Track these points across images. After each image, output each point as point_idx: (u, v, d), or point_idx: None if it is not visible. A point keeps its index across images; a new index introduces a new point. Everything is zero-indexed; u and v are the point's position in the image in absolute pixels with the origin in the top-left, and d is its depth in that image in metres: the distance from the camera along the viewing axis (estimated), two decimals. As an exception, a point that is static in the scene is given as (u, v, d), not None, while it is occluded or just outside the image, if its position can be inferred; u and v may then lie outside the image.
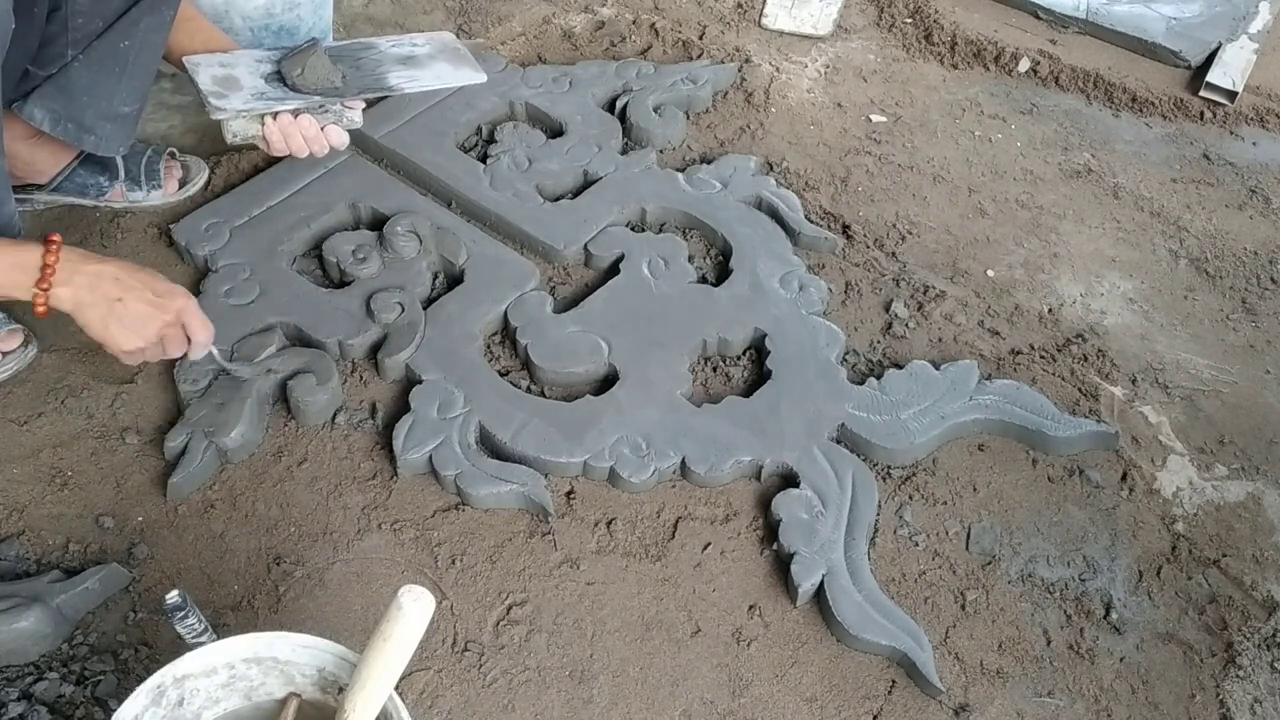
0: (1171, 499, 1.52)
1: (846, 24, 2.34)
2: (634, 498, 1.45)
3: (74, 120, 1.47)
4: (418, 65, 1.60)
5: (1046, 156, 2.08)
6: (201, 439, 1.40)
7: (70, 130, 1.47)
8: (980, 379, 1.58)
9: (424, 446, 1.42)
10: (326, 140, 1.55)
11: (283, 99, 1.47)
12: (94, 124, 1.48)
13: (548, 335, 1.58)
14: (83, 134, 1.48)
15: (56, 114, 1.46)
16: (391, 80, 1.56)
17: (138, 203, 1.72)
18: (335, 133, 1.55)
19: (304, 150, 1.53)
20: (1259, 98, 2.21)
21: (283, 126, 1.49)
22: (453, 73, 1.61)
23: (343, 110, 1.54)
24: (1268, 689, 1.32)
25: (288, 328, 1.56)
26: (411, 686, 1.24)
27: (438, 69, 1.61)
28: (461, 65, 1.62)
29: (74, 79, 1.43)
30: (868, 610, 1.31)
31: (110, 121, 1.49)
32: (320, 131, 1.53)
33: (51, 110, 1.45)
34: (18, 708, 1.14)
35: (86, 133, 1.48)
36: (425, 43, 1.65)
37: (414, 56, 1.61)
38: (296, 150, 1.52)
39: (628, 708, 1.25)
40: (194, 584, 1.31)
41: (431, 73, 1.60)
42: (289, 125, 1.49)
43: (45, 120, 1.45)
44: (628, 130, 1.96)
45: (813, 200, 1.90)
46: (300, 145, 1.52)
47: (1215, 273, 1.87)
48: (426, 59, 1.61)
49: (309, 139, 1.52)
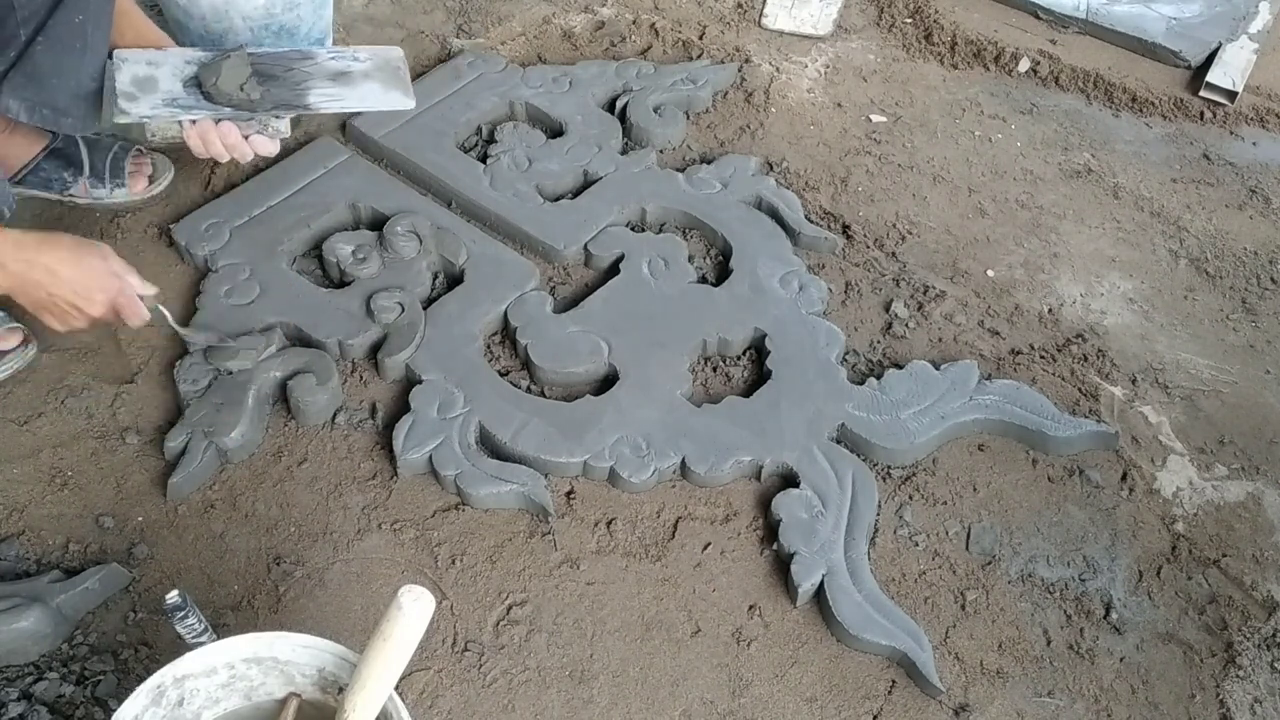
0: (1171, 499, 1.52)
1: (846, 24, 2.34)
2: (634, 498, 1.45)
3: (48, 105, 1.45)
4: (347, 83, 1.55)
5: (1046, 156, 2.08)
6: (201, 439, 1.40)
7: (46, 115, 1.46)
8: (980, 379, 1.58)
9: (424, 446, 1.42)
10: (251, 149, 1.51)
11: (190, 108, 1.44)
12: (68, 105, 1.47)
13: (548, 335, 1.58)
14: (59, 117, 1.47)
15: (30, 102, 1.44)
16: (311, 99, 1.52)
17: (101, 200, 1.71)
18: (261, 142, 1.51)
19: (224, 156, 1.50)
20: (1259, 98, 2.21)
21: (201, 132, 1.47)
22: (380, 95, 1.56)
23: (267, 119, 1.50)
24: (1268, 689, 1.32)
25: (288, 328, 1.56)
26: (411, 686, 1.24)
27: (365, 90, 1.56)
28: (392, 89, 1.57)
29: (39, 64, 1.42)
30: (868, 610, 1.31)
31: (82, 100, 1.48)
32: (242, 139, 1.49)
33: (25, 99, 1.44)
34: (18, 708, 1.14)
35: (62, 115, 1.47)
36: (367, 58, 1.60)
37: (348, 73, 1.56)
38: (217, 155, 1.50)
39: (628, 708, 1.25)
40: (194, 584, 1.31)
41: (357, 93, 1.55)
42: (208, 131, 1.47)
43: (21, 110, 1.44)
44: (628, 130, 1.96)
45: (813, 200, 1.90)
46: (220, 150, 1.49)
47: (1215, 273, 1.87)
48: (360, 77, 1.56)
49: (229, 146, 1.49)
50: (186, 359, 1.49)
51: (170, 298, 1.61)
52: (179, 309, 1.60)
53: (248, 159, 1.52)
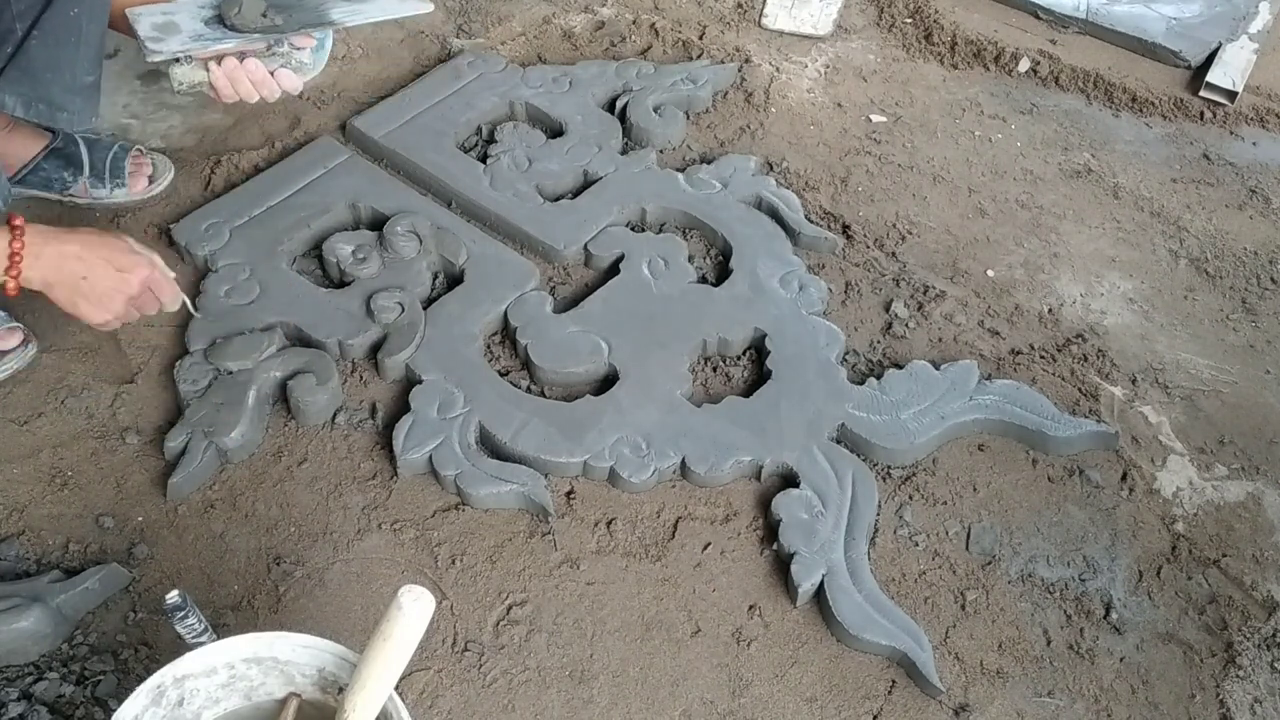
0: (1171, 499, 1.52)
1: (846, 24, 2.34)
2: (634, 498, 1.45)
3: (44, 100, 1.45)
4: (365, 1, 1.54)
5: (1046, 156, 2.08)
6: (201, 439, 1.40)
7: (43, 110, 1.46)
8: (980, 379, 1.58)
9: (424, 446, 1.42)
10: (277, 84, 1.49)
11: (221, 39, 1.42)
12: (63, 100, 1.46)
13: (548, 335, 1.58)
14: (55, 112, 1.47)
15: (26, 97, 1.44)
16: (334, 14, 1.50)
17: (101, 199, 1.71)
18: (285, 76, 1.50)
19: (253, 95, 1.48)
20: (1259, 98, 2.21)
21: (228, 71, 1.45)
22: (397, 5, 1.55)
23: (290, 51, 1.48)
24: (1268, 689, 1.32)
25: (288, 328, 1.56)
26: (411, 686, 1.24)
27: (383, 4, 1.55)
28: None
29: (34, 58, 1.41)
30: (868, 610, 1.31)
31: (77, 94, 1.47)
32: (268, 75, 1.48)
33: (21, 94, 1.44)
34: (18, 708, 1.14)
35: (58, 110, 1.47)
36: None
37: None
38: (245, 95, 1.48)
39: (628, 708, 1.25)
40: (194, 584, 1.31)
41: (375, 7, 1.54)
42: (234, 70, 1.45)
43: (17, 106, 1.44)
44: (628, 130, 1.96)
45: (813, 200, 1.90)
46: (249, 90, 1.47)
47: (1215, 273, 1.86)
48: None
49: (257, 83, 1.47)
50: (186, 359, 1.49)
51: (170, 298, 1.62)
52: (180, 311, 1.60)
53: (275, 96, 1.50)
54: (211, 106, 1.94)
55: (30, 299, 1.59)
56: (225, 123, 1.93)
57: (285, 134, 1.90)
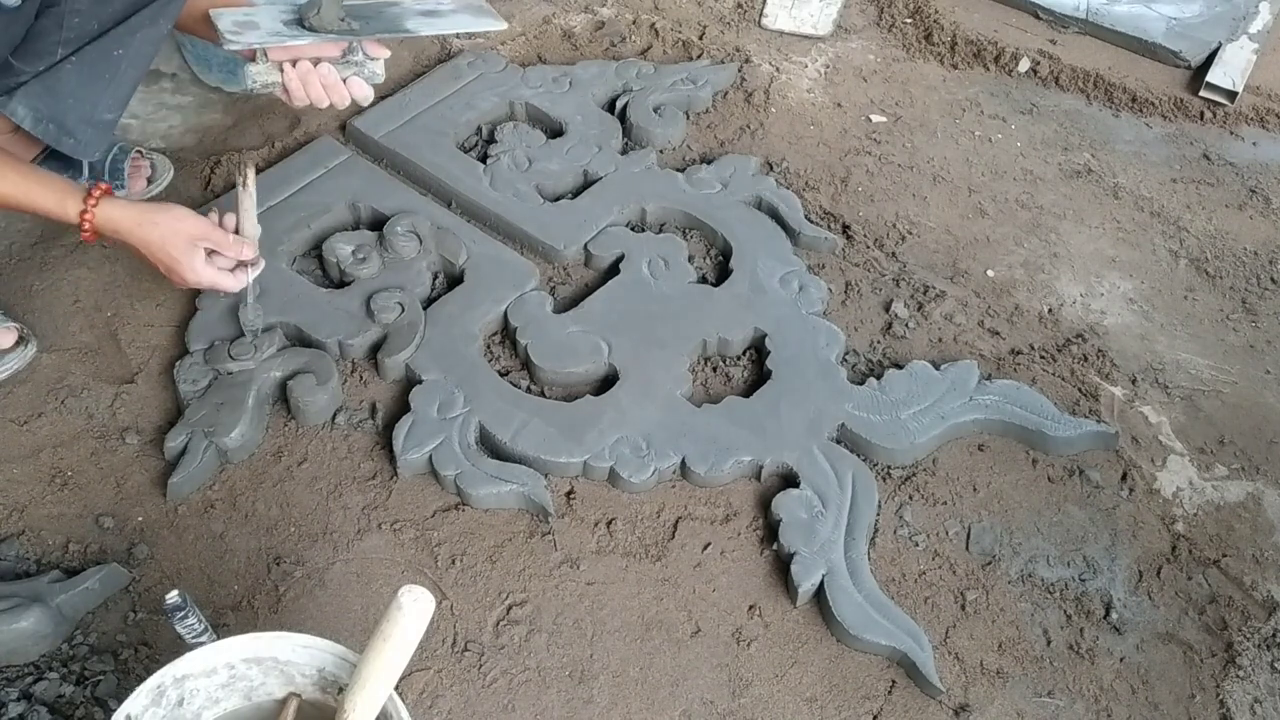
0: (1171, 499, 1.52)
1: (846, 24, 2.34)
2: (634, 498, 1.45)
3: (56, 121, 1.46)
4: (439, 16, 1.57)
5: (1046, 156, 2.08)
6: (201, 439, 1.40)
7: (51, 131, 1.47)
8: (980, 379, 1.58)
9: (424, 446, 1.42)
10: (348, 92, 1.52)
11: (297, 36, 1.45)
12: (75, 127, 1.47)
13: (548, 335, 1.58)
14: (62, 136, 1.48)
15: (39, 113, 1.45)
16: (409, 24, 1.53)
17: None
18: (357, 84, 1.52)
19: (324, 99, 1.50)
20: (1259, 98, 2.21)
21: (301, 74, 1.47)
22: (472, 20, 1.58)
23: (365, 61, 1.51)
24: (1268, 689, 1.32)
25: (288, 328, 1.56)
26: (411, 686, 1.24)
27: (458, 19, 1.58)
28: (482, 16, 1.59)
29: (63, 80, 1.42)
30: (868, 610, 1.31)
31: (92, 126, 1.48)
32: (340, 81, 1.50)
33: (34, 109, 1.44)
34: (18, 708, 1.14)
35: (66, 135, 1.48)
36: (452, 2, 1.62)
37: (437, 10, 1.59)
38: (316, 99, 1.49)
39: (628, 708, 1.25)
40: (194, 584, 1.31)
41: (451, 21, 1.58)
42: (308, 73, 1.47)
43: (28, 118, 1.45)
44: (628, 130, 1.96)
45: (813, 200, 1.90)
46: (320, 94, 1.49)
47: (1215, 273, 1.86)
48: (449, 12, 1.59)
49: (328, 87, 1.49)
50: (186, 359, 1.49)
51: (171, 298, 1.62)
52: (178, 310, 1.60)
53: (345, 103, 1.52)
54: (211, 106, 1.94)
55: (30, 298, 1.59)
56: (225, 123, 1.93)
57: (285, 134, 1.90)
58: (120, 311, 1.60)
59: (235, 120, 1.92)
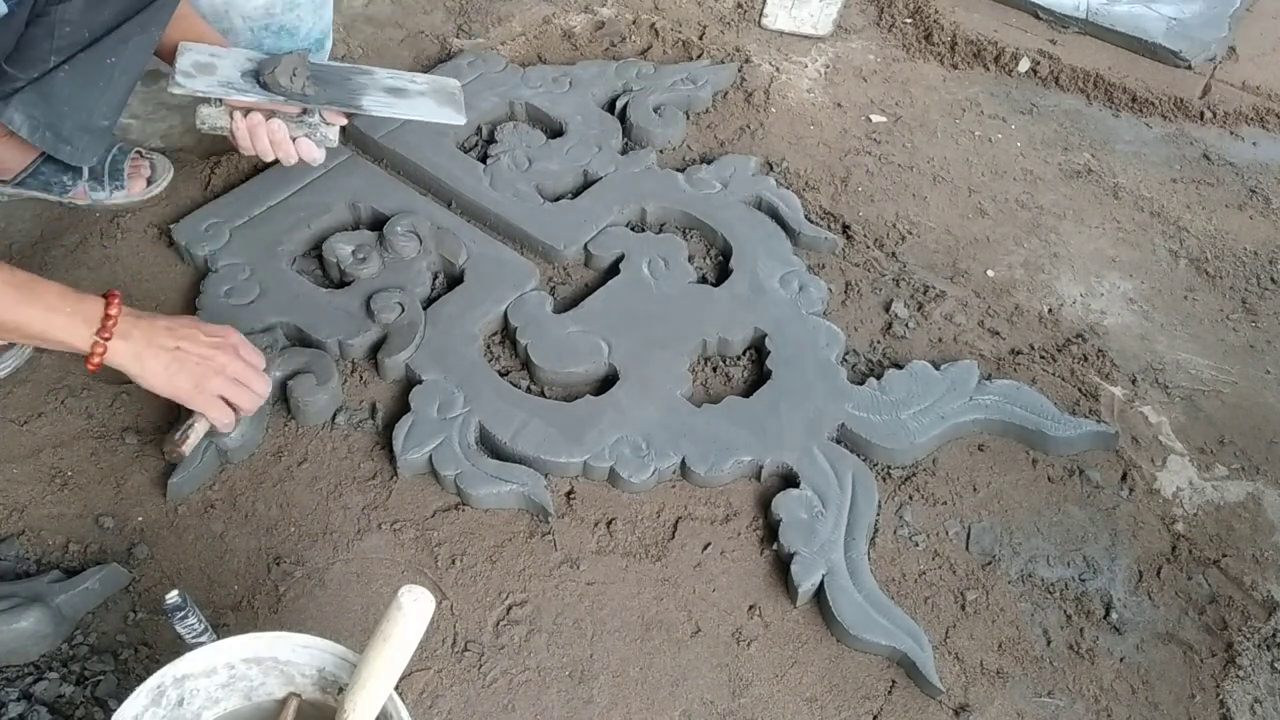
0: (1171, 499, 1.52)
1: (846, 24, 2.34)
2: (634, 498, 1.45)
3: (52, 129, 1.46)
4: (401, 97, 1.57)
5: (1046, 156, 2.08)
6: (201, 439, 1.40)
7: (47, 138, 1.47)
8: (980, 379, 1.58)
9: (424, 446, 1.42)
10: (295, 151, 1.52)
11: (247, 91, 1.45)
12: (71, 134, 1.48)
13: (548, 335, 1.58)
14: (59, 143, 1.48)
15: (35, 120, 1.45)
16: (364, 102, 1.53)
17: (100, 201, 1.71)
18: (306, 146, 1.52)
19: (269, 154, 1.51)
20: (1259, 98, 2.21)
21: (251, 125, 1.48)
22: (434, 109, 1.58)
23: (319, 124, 1.51)
24: (1268, 689, 1.32)
25: (288, 328, 1.56)
26: (411, 686, 1.24)
27: (420, 104, 1.58)
28: (445, 106, 1.59)
29: (57, 88, 1.43)
30: (868, 610, 1.31)
31: (87, 133, 1.49)
32: (288, 139, 1.50)
33: (31, 116, 1.45)
34: (18, 708, 1.14)
35: (63, 142, 1.48)
36: (425, 84, 1.61)
37: (404, 90, 1.58)
38: (261, 152, 1.50)
39: (628, 708, 1.25)
40: (194, 584, 1.31)
41: (410, 105, 1.57)
42: (257, 125, 1.48)
43: (24, 126, 1.45)
44: (628, 130, 1.96)
45: (813, 200, 1.90)
46: (265, 148, 1.50)
47: (1215, 273, 1.86)
48: (415, 94, 1.58)
49: (276, 143, 1.50)
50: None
51: (170, 298, 1.62)
52: (179, 309, 1.60)
53: (291, 161, 1.53)
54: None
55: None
56: (225, 123, 1.93)
57: (285, 134, 1.90)
58: (120, 311, 1.60)
59: (235, 120, 1.92)
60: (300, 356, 1.51)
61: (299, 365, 1.49)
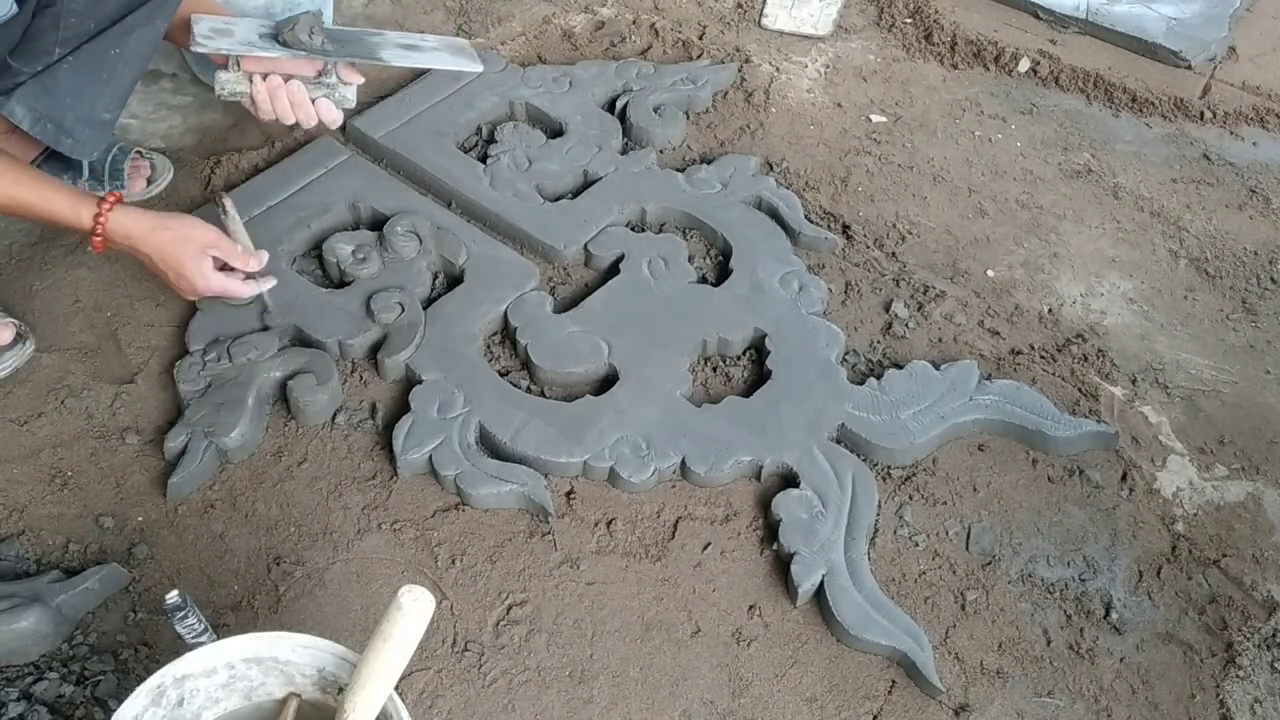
0: (1171, 499, 1.52)
1: (846, 24, 2.34)
2: (634, 498, 1.45)
3: (54, 121, 1.46)
4: (417, 51, 1.58)
5: (1046, 156, 2.08)
6: (201, 439, 1.40)
7: (49, 131, 1.47)
8: (980, 379, 1.58)
9: (424, 446, 1.42)
10: (315, 113, 1.51)
11: (269, 49, 1.44)
12: (73, 127, 1.47)
13: (548, 335, 1.58)
14: (60, 135, 1.48)
15: (37, 113, 1.45)
16: (383, 54, 1.53)
17: None
18: (326, 107, 1.51)
19: (289, 115, 1.49)
20: (1259, 98, 2.21)
21: (271, 88, 1.47)
22: (450, 59, 1.58)
23: (337, 84, 1.50)
24: (1268, 689, 1.32)
25: (288, 328, 1.56)
26: (411, 686, 1.24)
27: (436, 56, 1.58)
28: (460, 56, 1.59)
29: (60, 80, 1.42)
30: (868, 610, 1.31)
31: (90, 126, 1.48)
32: (308, 100, 1.49)
33: (33, 109, 1.44)
34: (18, 708, 1.14)
35: (64, 135, 1.48)
36: (437, 41, 1.62)
37: (418, 45, 1.59)
38: (282, 114, 1.49)
39: (628, 708, 1.25)
40: (194, 584, 1.31)
41: (427, 57, 1.58)
42: (277, 88, 1.47)
43: (26, 118, 1.45)
44: (628, 130, 1.96)
45: (813, 200, 1.90)
46: (286, 110, 1.48)
47: (1215, 273, 1.86)
48: (429, 49, 1.60)
49: (296, 104, 1.49)
50: (187, 359, 1.49)
51: (170, 298, 1.61)
52: (178, 310, 1.60)
53: (311, 122, 1.51)
54: (211, 106, 1.94)
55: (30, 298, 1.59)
56: (225, 123, 1.93)
57: (285, 134, 1.90)
58: (120, 311, 1.60)
59: (235, 120, 1.92)
60: (300, 356, 1.51)
61: (299, 365, 1.49)
